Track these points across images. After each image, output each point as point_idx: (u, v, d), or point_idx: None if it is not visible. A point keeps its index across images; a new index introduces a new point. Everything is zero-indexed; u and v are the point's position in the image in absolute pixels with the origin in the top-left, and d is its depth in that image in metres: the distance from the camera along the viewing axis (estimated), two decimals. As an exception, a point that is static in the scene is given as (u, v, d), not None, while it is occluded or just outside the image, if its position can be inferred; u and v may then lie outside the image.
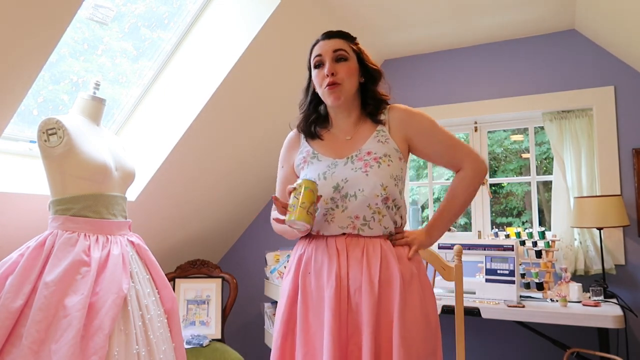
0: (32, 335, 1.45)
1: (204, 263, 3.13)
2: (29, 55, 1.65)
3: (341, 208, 1.36)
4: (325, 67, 1.41)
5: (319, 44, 1.47)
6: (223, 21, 2.43)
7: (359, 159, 1.40)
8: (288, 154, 1.55)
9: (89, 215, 1.72)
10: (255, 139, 2.99)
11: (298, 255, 1.42)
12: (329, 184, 1.38)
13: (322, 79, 1.42)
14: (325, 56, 1.43)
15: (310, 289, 1.34)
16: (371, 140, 1.43)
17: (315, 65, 1.45)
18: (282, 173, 1.56)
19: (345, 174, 1.38)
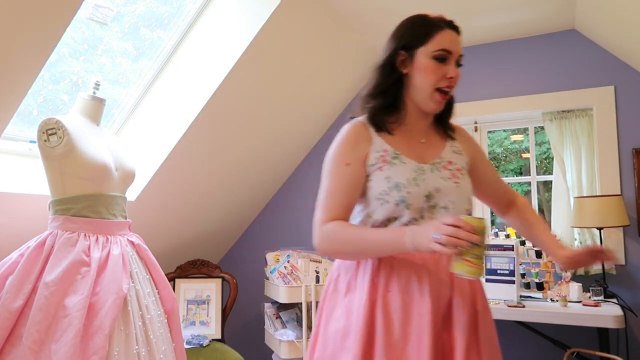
0: (32, 335, 1.45)
1: (204, 263, 3.13)
2: (29, 55, 1.65)
3: (429, 220, 1.20)
4: (451, 67, 1.23)
5: (447, 33, 1.24)
6: (223, 21, 2.42)
7: (443, 168, 1.26)
8: (356, 149, 1.26)
9: (89, 215, 1.72)
10: (256, 139, 2.99)
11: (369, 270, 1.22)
12: (421, 192, 1.20)
13: (440, 78, 1.22)
14: (453, 55, 1.24)
15: (394, 307, 1.16)
16: (448, 149, 1.31)
17: (438, 57, 1.22)
18: (348, 172, 1.24)
19: (436, 182, 1.22)
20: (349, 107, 3.45)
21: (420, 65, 1.23)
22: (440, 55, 1.22)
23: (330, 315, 1.26)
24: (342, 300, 1.24)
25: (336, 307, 1.25)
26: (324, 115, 3.35)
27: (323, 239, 1.19)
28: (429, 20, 1.26)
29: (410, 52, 1.25)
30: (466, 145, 1.36)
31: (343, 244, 1.17)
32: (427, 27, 1.25)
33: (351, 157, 1.25)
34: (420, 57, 1.23)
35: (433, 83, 1.22)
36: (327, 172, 1.28)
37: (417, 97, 1.26)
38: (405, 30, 1.29)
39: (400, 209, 1.20)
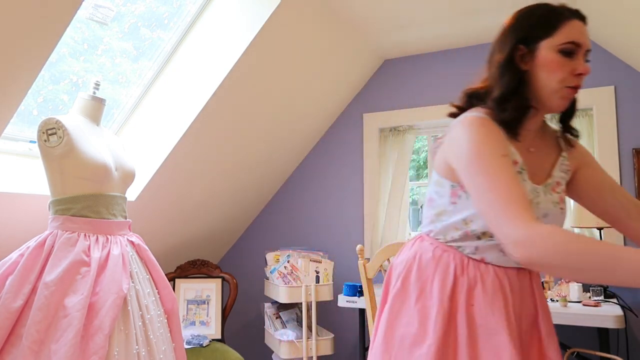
0: (32, 336, 1.45)
1: (204, 263, 3.13)
2: (29, 55, 1.65)
3: None
4: (580, 63, 1.08)
5: (575, 24, 1.09)
6: (223, 21, 2.42)
7: (552, 190, 1.15)
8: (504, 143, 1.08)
9: (89, 215, 1.72)
10: (256, 139, 2.99)
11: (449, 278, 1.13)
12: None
13: (569, 74, 1.07)
14: (582, 49, 1.08)
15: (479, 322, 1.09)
16: (558, 168, 1.17)
17: (565, 50, 1.07)
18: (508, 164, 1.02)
19: (547, 207, 1.12)
20: (349, 107, 3.45)
21: (545, 60, 1.08)
22: (567, 49, 1.07)
23: (396, 318, 1.18)
24: (412, 304, 1.16)
25: (405, 311, 1.17)
26: (324, 115, 3.35)
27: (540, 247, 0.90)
28: (554, 9, 1.10)
29: (532, 46, 1.10)
30: (574, 157, 1.21)
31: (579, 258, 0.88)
32: (552, 17, 1.09)
33: (504, 149, 1.05)
34: (544, 51, 1.08)
35: (560, 80, 1.07)
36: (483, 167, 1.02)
37: (539, 96, 1.11)
38: (524, 21, 1.12)
39: None
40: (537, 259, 0.91)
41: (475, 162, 1.04)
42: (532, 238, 0.91)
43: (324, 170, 3.50)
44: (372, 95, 3.38)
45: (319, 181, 3.51)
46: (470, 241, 1.13)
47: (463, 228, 1.12)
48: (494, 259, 1.12)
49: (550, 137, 1.21)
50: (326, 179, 3.48)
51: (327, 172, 3.49)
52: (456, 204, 1.14)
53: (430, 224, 1.22)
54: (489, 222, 0.99)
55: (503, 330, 1.06)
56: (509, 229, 0.94)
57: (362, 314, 2.78)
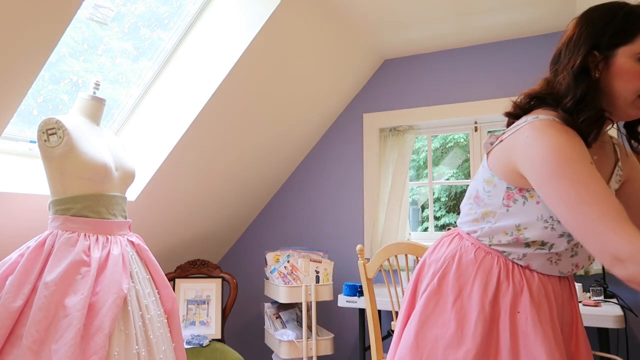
0: (32, 335, 1.45)
1: (204, 263, 3.13)
2: (29, 55, 1.65)
3: (571, 253, 1.09)
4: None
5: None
6: (223, 21, 2.43)
7: None
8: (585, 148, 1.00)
9: (89, 215, 1.72)
10: (256, 139, 2.99)
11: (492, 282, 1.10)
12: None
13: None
14: None
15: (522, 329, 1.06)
16: (614, 179, 1.13)
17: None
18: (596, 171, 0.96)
19: None
20: (349, 107, 3.45)
21: (621, 68, 1.00)
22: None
23: (429, 318, 1.14)
24: (449, 306, 1.11)
25: (440, 311, 1.13)
26: (324, 115, 3.35)
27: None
28: (634, 11, 1.01)
29: (607, 53, 1.02)
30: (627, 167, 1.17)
31: None
32: (631, 22, 1.00)
33: (589, 156, 0.97)
34: (621, 58, 1.00)
35: (637, 90, 1.00)
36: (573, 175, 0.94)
37: (611, 104, 1.04)
38: (600, 24, 1.03)
39: (560, 240, 1.05)
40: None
41: (562, 169, 0.95)
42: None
43: (324, 170, 3.50)
44: (372, 95, 3.39)
45: (319, 181, 3.51)
46: (519, 248, 1.09)
47: (515, 234, 1.08)
48: (540, 267, 1.09)
49: (608, 144, 1.15)
50: (326, 179, 3.48)
51: (327, 172, 3.49)
52: (510, 207, 1.09)
53: (473, 223, 1.16)
54: (583, 236, 0.92)
55: (549, 340, 1.02)
56: (612, 244, 0.87)
57: (362, 314, 2.78)
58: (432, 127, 3.30)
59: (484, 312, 1.06)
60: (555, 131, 0.99)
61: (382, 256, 2.03)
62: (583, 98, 1.02)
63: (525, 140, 1.03)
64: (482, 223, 1.14)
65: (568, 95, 1.03)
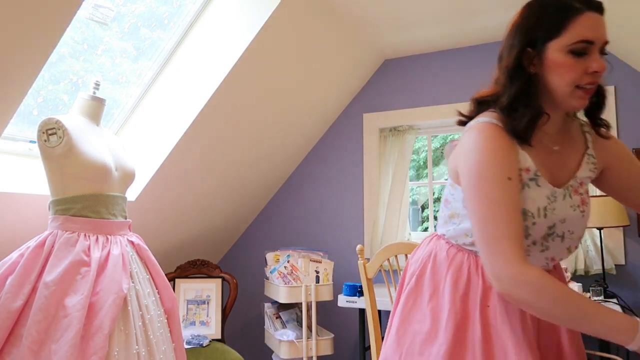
0: (32, 336, 1.45)
1: (204, 263, 3.13)
2: (29, 55, 1.65)
3: (540, 247, 1.07)
4: (593, 60, 0.99)
5: (586, 17, 0.98)
6: (223, 21, 2.42)
7: (575, 192, 1.08)
8: (511, 158, 1.02)
9: (89, 215, 1.72)
10: (256, 139, 2.99)
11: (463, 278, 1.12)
12: (546, 224, 1.04)
13: (581, 74, 0.99)
14: (596, 45, 0.99)
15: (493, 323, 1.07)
16: (584, 167, 1.10)
17: (576, 50, 0.98)
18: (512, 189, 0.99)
19: (564, 212, 1.05)
20: (349, 107, 3.45)
21: (554, 63, 1.00)
22: (578, 48, 0.98)
23: (408, 315, 1.17)
24: (425, 302, 1.15)
25: (417, 308, 1.16)
26: (324, 115, 3.35)
27: (527, 288, 0.93)
28: (561, 4, 1.00)
29: (540, 48, 1.02)
30: (603, 153, 1.14)
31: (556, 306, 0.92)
32: (560, 14, 0.99)
33: (510, 170, 1.00)
34: (552, 53, 1.00)
35: (572, 81, 1.00)
36: (486, 192, 0.99)
37: (552, 99, 1.04)
38: (530, 21, 1.04)
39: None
40: (519, 298, 0.95)
41: (478, 184, 1.01)
42: (518, 279, 0.93)
43: (323, 170, 3.50)
44: (372, 95, 3.38)
45: (318, 181, 3.51)
46: None
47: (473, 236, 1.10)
48: None
49: (576, 130, 1.13)
50: (326, 179, 3.48)
51: (327, 172, 3.49)
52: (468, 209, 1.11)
53: (444, 225, 1.20)
54: (481, 250, 0.99)
55: (516, 334, 1.03)
56: (498, 264, 0.96)
57: (362, 314, 2.78)
58: (432, 127, 3.30)
59: (455, 307, 1.09)
60: (483, 139, 1.02)
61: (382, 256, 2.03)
62: (518, 96, 1.03)
63: (463, 145, 1.07)
64: (449, 225, 1.17)
65: (504, 94, 1.05)
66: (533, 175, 1.04)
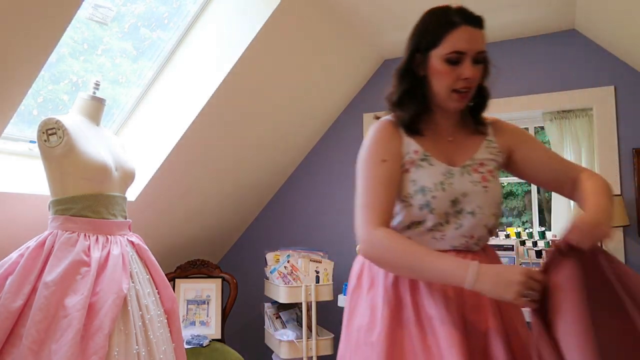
0: (32, 336, 1.46)
1: (204, 263, 3.13)
2: (29, 55, 1.65)
3: (454, 225, 1.18)
4: (465, 68, 1.15)
5: (461, 31, 1.14)
6: (223, 21, 2.42)
7: (474, 170, 1.21)
8: (391, 145, 1.21)
9: (89, 215, 1.72)
10: (255, 139, 2.99)
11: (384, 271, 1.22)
12: (447, 197, 1.16)
13: (454, 80, 1.16)
14: (468, 55, 1.15)
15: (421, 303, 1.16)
16: (483, 150, 1.25)
17: (450, 60, 1.15)
18: (386, 169, 1.18)
19: (464, 187, 1.18)
20: (349, 107, 3.45)
21: (434, 69, 1.18)
22: (452, 58, 1.15)
23: (353, 311, 1.26)
24: (365, 296, 1.23)
25: (360, 304, 1.24)
26: (324, 115, 3.35)
27: (373, 246, 1.12)
28: (443, 18, 1.17)
29: (424, 55, 1.19)
30: (503, 139, 1.28)
31: (396, 258, 1.09)
32: (439, 28, 1.16)
33: (386, 154, 1.20)
34: (433, 60, 1.17)
35: (448, 86, 1.17)
36: (363, 172, 1.22)
37: (436, 99, 1.21)
38: (419, 32, 1.22)
39: (423, 214, 1.17)
40: (364, 252, 1.15)
41: (360, 166, 1.23)
42: (370, 239, 1.12)
43: (324, 170, 3.50)
44: (372, 95, 3.38)
45: (319, 181, 3.50)
46: (403, 232, 1.21)
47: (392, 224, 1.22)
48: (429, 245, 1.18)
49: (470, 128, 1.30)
50: (326, 178, 3.48)
51: (327, 172, 3.48)
52: None
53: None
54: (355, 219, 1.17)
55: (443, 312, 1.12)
56: (359, 229, 1.15)
57: (362, 314, 2.78)
58: (432, 127, 3.30)
59: (387, 296, 1.17)
60: (371, 131, 1.25)
61: (382, 256, 2.03)
62: (405, 94, 1.22)
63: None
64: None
65: (395, 92, 1.25)
66: (422, 156, 1.20)
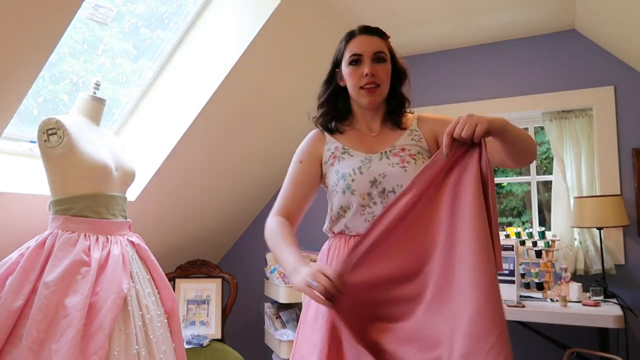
0: (32, 336, 1.46)
1: (204, 263, 3.13)
2: (29, 55, 1.65)
3: (380, 204, 1.31)
4: (365, 67, 1.34)
5: (356, 39, 1.38)
6: (223, 21, 2.42)
7: (394, 155, 1.35)
8: (310, 149, 1.46)
9: (89, 215, 1.72)
10: (255, 139, 2.99)
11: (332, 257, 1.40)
12: (365, 179, 1.32)
13: (358, 78, 1.35)
14: (365, 56, 1.35)
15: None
16: (405, 138, 1.40)
17: (352, 62, 1.37)
18: (299, 168, 1.46)
19: (382, 169, 1.33)
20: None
21: (344, 74, 1.39)
22: (353, 60, 1.36)
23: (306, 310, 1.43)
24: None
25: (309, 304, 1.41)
26: (324, 115, 3.34)
27: (265, 229, 1.38)
28: (346, 35, 1.41)
29: (340, 68, 1.42)
30: (426, 129, 1.43)
31: (270, 243, 1.36)
32: (342, 42, 1.41)
33: (304, 156, 1.46)
34: (344, 68, 1.39)
35: (355, 84, 1.36)
36: (289, 170, 1.48)
37: (354, 100, 1.41)
38: (335, 51, 1.45)
39: (347, 197, 1.34)
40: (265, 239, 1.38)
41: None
42: (266, 225, 1.38)
43: (324, 170, 3.49)
44: (372, 95, 3.38)
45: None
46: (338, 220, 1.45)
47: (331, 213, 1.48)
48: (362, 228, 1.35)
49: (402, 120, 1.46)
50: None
51: (327, 172, 3.48)
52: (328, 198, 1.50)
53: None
54: None
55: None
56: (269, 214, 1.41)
57: (362, 314, 2.78)
58: (432, 127, 3.30)
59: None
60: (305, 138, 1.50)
61: (382, 256, 2.03)
62: (327, 101, 1.45)
63: None
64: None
65: (319, 101, 1.48)
66: (342, 150, 1.40)
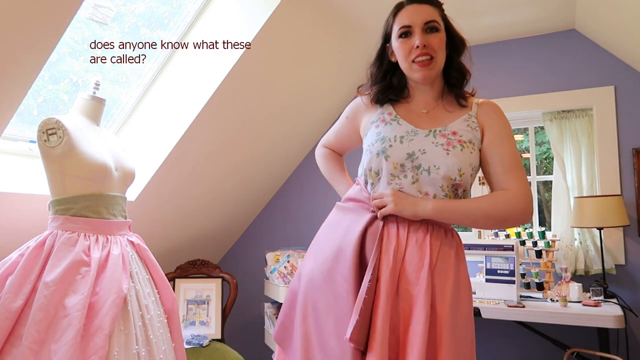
0: (32, 336, 1.45)
1: (204, 263, 3.13)
2: (29, 55, 1.65)
3: (411, 179, 1.27)
4: (415, 38, 1.28)
5: (405, 10, 1.32)
6: (223, 21, 2.42)
7: (442, 136, 1.29)
8: (357, 112, 1.48)
9: (89, 215, 1.72)
10: (256, 139, 2.99)
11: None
12: (404, 149, 1.28)
13: (409, 51, 1.30)
14: (415, 27, 1.29)
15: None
16: (460, 121, 1.33)
17: (401, 34, 1.31)
18: (344, 122, 1.54)
19: (424, 145, 1.27)
20: (349, 107, 3.45)
21: (395, 48, 1.35)
22: (402, 32, 1.32)
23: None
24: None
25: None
26: (323, 115, 3.35)
27: (315, 154, 1.71)
28: (393, 8, 1.38)
29: (390, 42, 1.38)
30: (483, 120, 1.34)
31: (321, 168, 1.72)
32: (391, 15, 1.37)
33: (351, 114, 1.51)
34: (393, 42, 1.35)
35: (405, 58, 1.32)
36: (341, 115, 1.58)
37: (407, 75, 1.37)
38: (384, 26, 1.41)
39: (379, 160, 1.30)
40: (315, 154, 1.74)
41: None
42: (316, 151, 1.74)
43: (324, 170, 3.49)
44: (372, 95, 3.38)
45: (318, 181, 3.50)
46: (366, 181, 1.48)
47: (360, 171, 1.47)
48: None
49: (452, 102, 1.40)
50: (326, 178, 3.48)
51: (327, 172, 3.48)
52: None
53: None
54: None
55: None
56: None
57: (362, 314, 2.77)
58: (432, 127, 3.30)
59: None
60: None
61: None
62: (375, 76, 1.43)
63: None
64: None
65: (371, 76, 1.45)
66: (394, 117, 1.36)
